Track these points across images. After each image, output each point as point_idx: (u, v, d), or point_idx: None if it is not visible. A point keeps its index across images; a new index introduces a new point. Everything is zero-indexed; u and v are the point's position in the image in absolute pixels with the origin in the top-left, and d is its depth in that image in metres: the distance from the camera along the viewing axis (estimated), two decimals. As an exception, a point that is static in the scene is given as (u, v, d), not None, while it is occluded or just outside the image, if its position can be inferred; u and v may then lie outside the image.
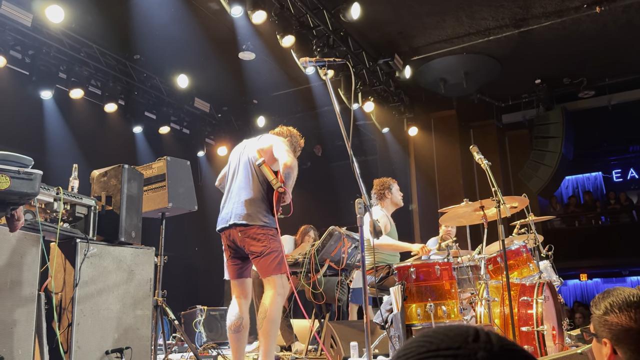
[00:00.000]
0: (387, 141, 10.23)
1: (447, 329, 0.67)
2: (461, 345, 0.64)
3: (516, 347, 0.66)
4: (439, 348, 0.64)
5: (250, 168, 3.52)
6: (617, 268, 13.24)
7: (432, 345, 0.65)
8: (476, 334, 0.65)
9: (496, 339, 0.65)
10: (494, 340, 0.65)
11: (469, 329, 0.66)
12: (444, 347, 0.64)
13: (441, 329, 0.68)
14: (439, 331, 0.67)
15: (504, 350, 0.64)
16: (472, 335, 0.65)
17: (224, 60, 8.18)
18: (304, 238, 6.37)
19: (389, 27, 7.84)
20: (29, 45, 7.02)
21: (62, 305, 3.64)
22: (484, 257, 4.00)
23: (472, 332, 0.66)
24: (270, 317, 3.30)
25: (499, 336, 0.66)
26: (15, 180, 2.16)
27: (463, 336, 0.65)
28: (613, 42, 8.36)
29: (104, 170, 4.17)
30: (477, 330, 0.66)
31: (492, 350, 0.63)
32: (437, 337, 0.66)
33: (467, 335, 0.65)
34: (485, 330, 0.67)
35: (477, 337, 0.65)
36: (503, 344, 0.64)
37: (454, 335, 0.65)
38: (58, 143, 7.60)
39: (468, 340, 0.64)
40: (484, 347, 0.63)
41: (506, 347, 0.64)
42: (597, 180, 15.54)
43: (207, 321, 6.68)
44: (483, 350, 0.63)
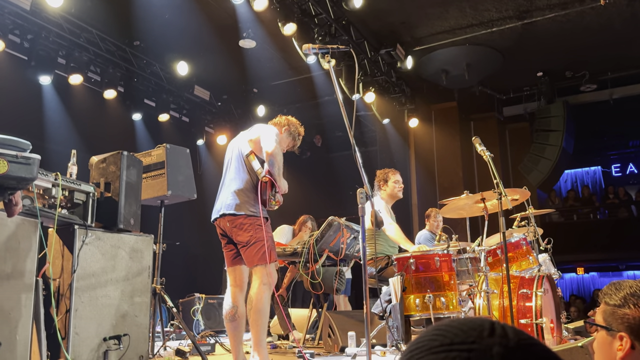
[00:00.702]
0: (388, 132, 10.19)
1: (462, 322, 0.65)
2: (475, 339, 0.61)
3: (533, 341, 0.63)
4: (453, 342, 0.61)
5: (241, 159, 3.53)
6: (614, 262, 13.28)
7: (445, 339, 0.62)
8: (492, 328, 0.63)
9: (513, 333, 0.62)
10: (511, 334, 0.62)
11: (484, 323, 0.64)
12: (458, 342, 0.61)
13: (455, 322, 0.65)
14: (453, 324, 0.65)
15: (520, 345, 0.61)
16: (488, 329, 0.62)
17: (225, 47, 8.11)
18: (302, 228, 6.37)
19: (391, 17, 7.78)
20: (28, 29, 6.94)
21: (60, 292, 3.63)
22: (484, 249, 3.99)
23: (487, 326, 0.63)
24: (257, 307, 3.31)
25: (516, 330, 0.63)
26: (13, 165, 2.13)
27: (478, 330, 0.62)
28: (617, 36, 8.31)
29: (103, 157, 4.14)
30: (493, 323, 0.63)
31: (508, 345, 0.60)
32: (451, 330, 0.63)
33: (482, 329, 0.62)
34: (502, 324, 0.64)
35: (492, 331, 0.62)
36: (520, 339, 0.62)
37: (468, 329, 0.63)
38: (57, 129, 7.56)
39: (483, 335, 0.62)
40: (500, 341, 0.61)
41: (523, 342, 0.61)
42: (596, 175, 15.55)
43: (205, 309, 6.68)
44: (499, 345, 0.60)
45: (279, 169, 3.40)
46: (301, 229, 6.39)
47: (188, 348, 4.55)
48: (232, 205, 3.42)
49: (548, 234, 5.27)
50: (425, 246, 4.52)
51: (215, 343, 5.04)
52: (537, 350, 0.62)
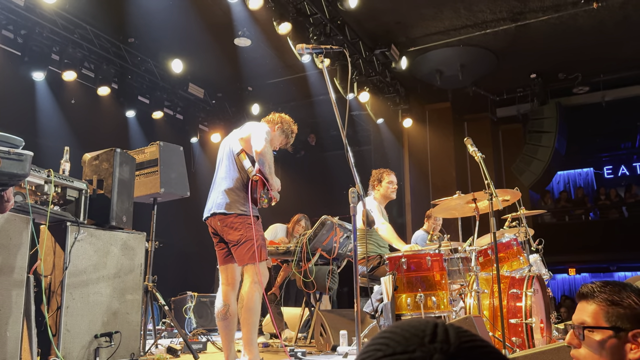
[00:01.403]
0: (382, 132, 10.22)
1: (405, 327, 0.65)
2: (417, 347, 0.61)
3: (476, 342, 0.62)
4: (395, 352, 0.61)
5: (232, 158, 3.54)
6: (605, 263, 13.38)
7: (388, 348, 0.62)
8: (434, 333, 0.62)
9: (455, 336, 0.62)
10: (452, 338, 0.62)
11: (427, 327, 0.63)
12: (400, 351, 0.61)
13: (399, 328, 0.65)
14: (396, 331, 0.64)
15: (461, 349, 0.61)
16: (430, 334, 0.62)
17: (219, 45, 8.10)
18: (296, 227, 6.38)
19: (386, 17, 7.80)
20: (22, 24, 6.91)
21: (51, 289, 3.62)
22: (475, 249, 4.01)
23: (429, 331, 0.63)
24: (247, 305, 3.32)
25: (459, 332, 0.63)
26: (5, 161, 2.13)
27: (420, 336, 0.62)
28: (609, 38, 8.37)
29: (96, 154, 4.14)
30: (436, 326, 0.63)
31: (448, 351, 0.60)
32: (394, 338, 0.63)
33: (424, 335, 0.62)
34: (445, 326, 0.64)
35: (434, 337, 0.62)
36: (461, 342, 0.62)
37: (410, 335, 0.63)
38: (50, 125, 7.52)
39: (424, 341, 0.62)
40: (440, 347, 0.61)
41: (464, 345, 0.61)
42: (588, 176, 15.65)
43: (197, 307, 6.68)
44: (439, 352, 0.60)
45: (270, 167, 3.40)
46: (295, 227, 6.40)
47: (180, 346, 4.56)
48: (222, 205, 3.43)
49: (540, 234, 5.30)
50: (417, 245, 4.54)
51: (207, 341, 5.04)
52: (479, 352, 0.61)
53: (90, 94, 8.06)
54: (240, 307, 3.36)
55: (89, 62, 7.94)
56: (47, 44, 7.16)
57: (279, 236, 6.32)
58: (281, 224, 6.47)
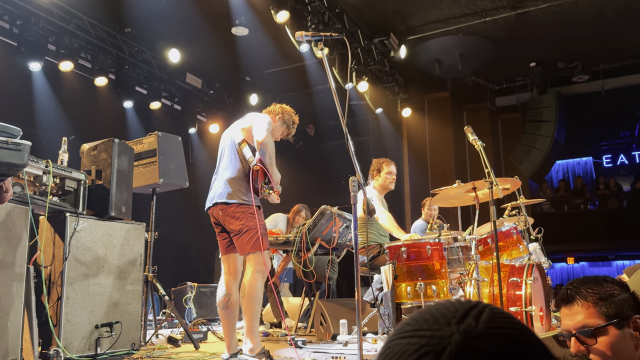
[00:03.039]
0: (380, 122, 10.19)
1: (440, 307, 0.63)
2: (442, 326, 0.60)
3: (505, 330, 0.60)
4: (421, 328, 0.61)
5: (233, 148, 3.53)
6: (603, 252, 13.42)
7: (416, 324, 0.62)
8: (465, 314, 0.61)
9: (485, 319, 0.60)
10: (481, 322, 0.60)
11: (461, 308, 0.62)
12: (426, 328, 0.60)
13: (435, 307, 0.64)
14: (431, 310, 0.63)
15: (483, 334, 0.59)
16: (460, 315, 0.61)
17: (217, 35, 8.04)
18: (296, 217, 6.37)
19: (385, 6, 7.74)
20: (17, 15, 6.85)
21: (51, 279, 3.62)
22: (475, 238, 4.01)
23: (461, 312, 0.61)
24: (249, 294, 3.33)
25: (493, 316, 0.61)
26: (3, 151, 2.11)
27: (449, 317, 0.61)
28: (609, 27, 8.32)
29: (94, 144, 4.12)
30: (472, 309, 0.62)
31: (470, 333, 0.58)
32: (425, 316, 0.62)
33: (454, 316, 0.60)
34: (481, 310, 0.62)
35: (463, 318, 0.60)
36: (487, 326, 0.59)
37: (440, 315, 0.61)
38: (47, 116, 7.49)
39: (452, 321, 0.60)
40: (464, 329, 0.59)
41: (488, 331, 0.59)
42: (587, 165, 15.65)
43: (197, 297, 6.69)
44: (461, 332, 0.58)
45: (270, 157, 3.40)
46: (295, 218, 6.39)
47: (180, 336, 4.56)
48: (224, 194, 3.43)
49: (539, 223, 5.30)
50: (416, 235, 4.54)
51: (208, 331, 5.05)
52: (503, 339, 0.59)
53: (88, 84, 8.02)
54: (242, 296, 3.37)
55: (85, 53, 7.88)
56: (44, 34, 7.10)
57: (279, 226, 6.32)
58: (282, 214, 6.46)
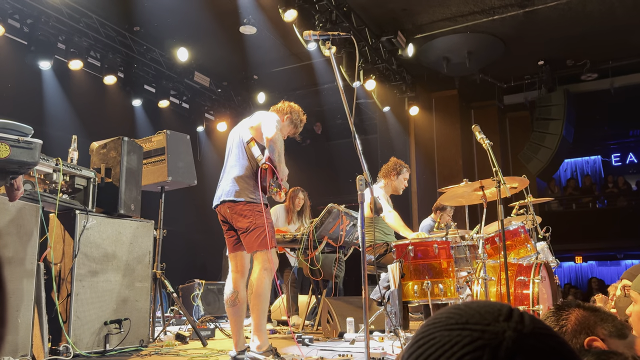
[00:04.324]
0: (388, 120, 10.17)
1: (481, 305, 0.65)
2: (491, 322, 0.61)
3: (550, 331, 0.63)
4: (468, 322, 0.62)
5: (241, 146, 3.55)
6: (612, 251, 13.34)
7: (461, 318, 0.63)
8: (509, 313, 0.63)
9: (529, 320, 0.63)
10: (527, 321, 0.63)
11: (503, 307, 0.64)
12: (473, 322, 0.62)
13: (475, 304, 0.66)
14: (472, 306, 0.65)
15: (535, 333, 0.61)
16: (505, 314, 0.63)
17: (225, 34, 8.07)
18: (295, 201, 6.26)
19: (392, 4, 7.73)
20: (28, 14, 6.91)
21: (61, 276, 3.66)
22: (482, 237, 4.01)
23: (505, 311, 0.63)
24: (257, 292, 3.35)
25: (533, 318, 0.64)
26: (15, 149, 2.14)
27: (495, 314, 0.63)
28: (618, 24, 8.26)
29: (104, 142, 4.16)
30: (512, 309, 0.64)
31: (522, 331, 0.61)
32: (469, 311, 0.64)
33: (499, 314, 0.63)
34: (520, 311, 0.64)
35: (509, 316, 0.63)
36: (535, 327, 0.62)
37: (485, 311, 0.63)
38: (57, 114, 7.55)
39: (499, 319, 0.62)
40: (515, 327, 0.61)
41: (538, 331, 0.61)
42: (596, 164, 15.55)
43: (205, 295, 6.73)
44: (512, 330, 0.60)
45: (279, 155, 3.41)
46: (294, 202, 6.26)
47: (188, 333, 4.60)
48: (232, 192, 3.44)
49: (547, 222, 5.28)
50: (423, 233, 4.55)
51: (215, 328, 5.09)
52: (551, 340, 0.61)
53: (97, 83, 8.07)
54: (250, 294, 3.39)
55: (95, 51, 7.94)
56: (53, 33, 7.16)
57: (280, 218, 6.25)
58: (279, 205, 6.36)
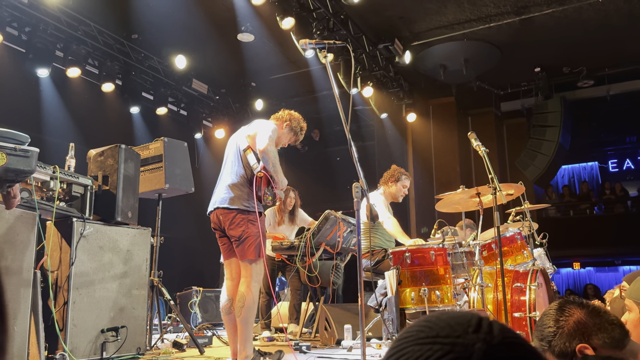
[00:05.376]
0: (385, 127, 10.21)
1: (451, 316, 0.66)
2: (461, 334, 0.62)
3: (519, 340, 0.63)
4: (439, 335, 0.63)
5: (238, 154, 3.56)
6: (610, 257, 13.35)
7: (432, 331, 0.64)
8: (478, 324, 0.63)
9: (498, 330, 0.63)
10: (496, 331, 0.63)
11: (472, 318, 0.64)
12: (443, 335, 0.62)
13: (445, 315, 0.66)
14: (442, 317, 0.66)
15: (504, 343, 0.61)
16: (474, 325, 0.63)
17: (223, 41, 8.11)
18: (286, 201, 6.15)
19: (389, 11, 7.78)
20: (26, 22, 6.93)
21: (58, 284, 3.65)
22: (479, 244, 4.02)
23: (474, 322, 0.64)
24: (247, 304, 3.36)
25: (503, 327, 0.64)
26: (12, 157, 2.15)
27: (465, 325, 0.63)
28: (614, 32, 8.32)
29: (101, 150, 4.16)
30: (481, 319, 0.64)
31: (491, 342, 0.61)
32: (439, 323, 0.65)
33: (468, 325, 0.63)
34: (490, 321, 0.64)
35: (478, 328, 0.63)
36: (504, 336, 0.62)
37: (455, 323, 0.64)
38: (55, 122, 7.56)
39: (468, 330, 0.62)
40: (484, 338, 0.61)
41: (507, 340, 0.62)
42: (593, 170, 15.59)
43: (203, 302, 6.72)
44: (482, 341, 0.61)
45: (274, 165, 3.41)
46: (284, 202, 6.14)
47: (185, 340, 4.59)
48: (226, 199, 3.45)
49: (545, 229, 5.29)
50: (421, 240, 4.55)
51: (213, 335, 5.07)
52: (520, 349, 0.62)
53: (95, 90, 8.09)
54: (240, 307, 3.36)
55: (93, 59, 7.97)
56: (51, 40, 7.18)
57: (273, 221, 6.15)
58: (269, 209, 6.25)
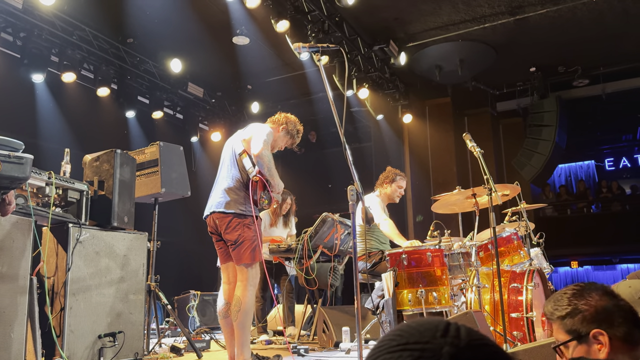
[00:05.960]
0: (382, 128, 10.22)
1: (420, 323, 0.68)
2: (429, 340, 0.65)
3: (485, 341, 0.66)
4: (408, 342, 0.65)
5: (233, 158, 3.56)
6: (607, 256, 13.37)
7: (402, 339, 0.66)
8: (446, 329, 0.66)
9: (465, 333, 0.66)
10: (463, 335, 0.65)
11: (440, 324, 0.67)
12: (413, 342, 0.65)
13: (415, 323, 0.69)
14: (412, 325, 0.69)
15: (471, 346, 0.64)
16: (442, 330, 0.66)
17: (218, 44, 8.11)
18: (282, 205, 6.15)
19: (384, 13, 7.79)
20: (20, 27, 6.92)
21: (54, 290, 3.64)
22: (475, 244, 4.02)
23: (442, 327, 0.66)
24: (244, 309, 3.36)
25: (470, 331, 0.66)
26: (6, 165, 2.15)
27: (432, 331, 0.66)
28: (608, 31, 8.35)
29: (97, 155, 4.16)
30: (449, 324, 0.67)
31: (458, 345, 0.64)
32: (409, 331, 0.67)
33: (436, 330, 0.66)
34: (457, 325, 0.67)
35: (446, 332, 0.65)
36: (471, 339, 0.65)
37: (424, 329, 0.67)
38: (50, 127, 7.54)
39: (436, 335, 0.65)
40: (451, 341, 0.64)
41: (474, 342, 0.65)
42: (589, 169, 15.63)
43: (201, 306, 6.71)
44: (449, 345, 0.64)
45: (269, 169, 3.41)
46: (280, 206, 6.15)
47: (183, 345, 4.58)
48: (222, 203, 3.45)
49: (542, 228, 5.30)
50: (417, 242, 4.56)
51: (211, 339, 5.06)
52: (487, 351, 0.65)
53: (90, 95, 8.08)
54: (236, 311, 3.37)
55: (88, 64, 7.95)
56: (46, 45, 7.17)
57: (266, 223, 6.13)
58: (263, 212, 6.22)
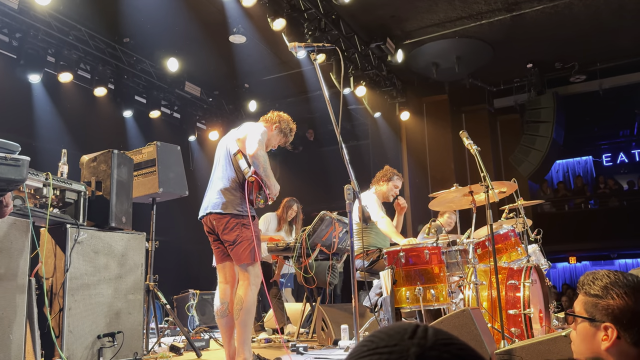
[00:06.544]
0: (379, 126, 10.22)
1: (391, 328, 0.72)
2: (397, 342, 0.68)
3: (452, 340, 0.69)
4: (378, 347, 0.69)
5: (228, 158, 3.55)
6: (605, 251, 13.42)
7: (372, 344, 0.70)
8: (414, 331, 0.69)
9: (432, 334, 0.69)
10: (430, 335, 0.69)
11: (409, 327, 0.71)
12: (382, 345, 0.68)
13: (386, 328, 0.72)
14: (383, 330, 0.72)
15: (437, 344, 0.67)
16: (410, 332, 0.69)
17: (215, 43, 8.10)
18: (288, 212, 6.19)
19: (381, 11, 7.79)
20: (16, 28, 6.91)
21: (53, 291, 3.65)
22: (473, 242, 4.03)
23: (410, 330, 0.70)
24: (246, 307, 3.36)
25: (438, 331, 0.70)
26: (2, 167, 2.15)
27: (401, 334, 0.69)
28: (605, 27, 8.36)
29: (94, 156, 4.16)
30: (417, 327, 0.70)
31: (425, 345, 0.67)
32: (380, 336, 0.71)
33: (404, 333, 0.69)
34: (426, 327, 0.71)
35: (413, 334, 0.69)
36: (437, 339, 0.68)
37: (394, 333, 0.70)
38: (47, 128, 7.53)
39: (404, 338, 0.68)
40: (418, 342, 0.67)
41: (440, 342, 0.68)
42: (587, 165, 15.66)
43: (200, 305, 6.72)
44: (416, 345, 0.67)
45: (264, 170, 3.41)
46: (288, 213, 6.18)
47: (182, 344, 4.59)
48: (218, 204, 3.45)
49: (540, 224, 5.32)
50: (414, 239, 4.57)
51: (210, 338, 5.07)
52: (453, 348, 0.68)
53: (87, 95, 8.06)
54: (238, 309, 3.37)
55: (84, 64, 7.94)
56: (43, 46, 7.16)
57: (272, 226, 6.19)
58: (271, 213, 6.28)
